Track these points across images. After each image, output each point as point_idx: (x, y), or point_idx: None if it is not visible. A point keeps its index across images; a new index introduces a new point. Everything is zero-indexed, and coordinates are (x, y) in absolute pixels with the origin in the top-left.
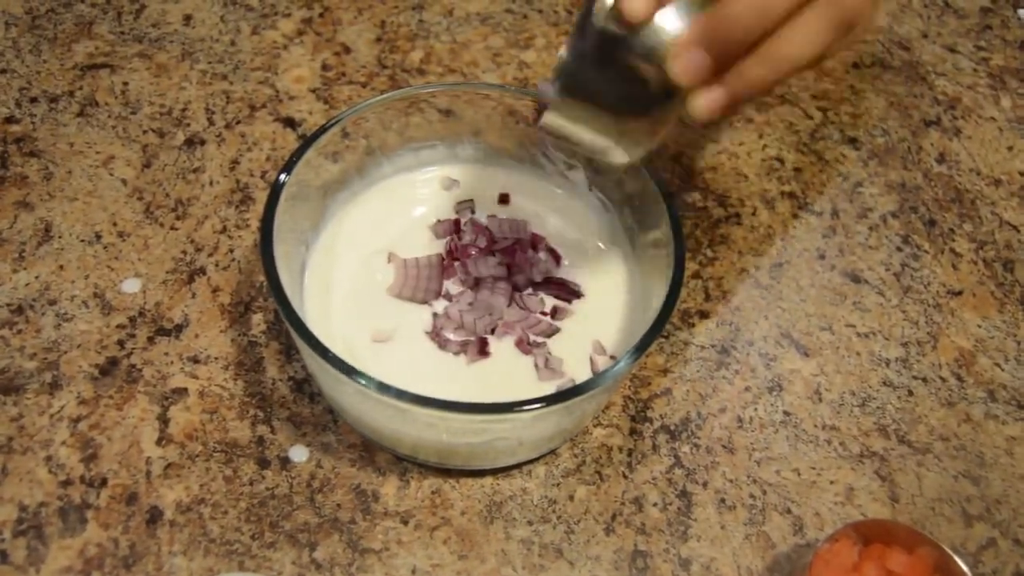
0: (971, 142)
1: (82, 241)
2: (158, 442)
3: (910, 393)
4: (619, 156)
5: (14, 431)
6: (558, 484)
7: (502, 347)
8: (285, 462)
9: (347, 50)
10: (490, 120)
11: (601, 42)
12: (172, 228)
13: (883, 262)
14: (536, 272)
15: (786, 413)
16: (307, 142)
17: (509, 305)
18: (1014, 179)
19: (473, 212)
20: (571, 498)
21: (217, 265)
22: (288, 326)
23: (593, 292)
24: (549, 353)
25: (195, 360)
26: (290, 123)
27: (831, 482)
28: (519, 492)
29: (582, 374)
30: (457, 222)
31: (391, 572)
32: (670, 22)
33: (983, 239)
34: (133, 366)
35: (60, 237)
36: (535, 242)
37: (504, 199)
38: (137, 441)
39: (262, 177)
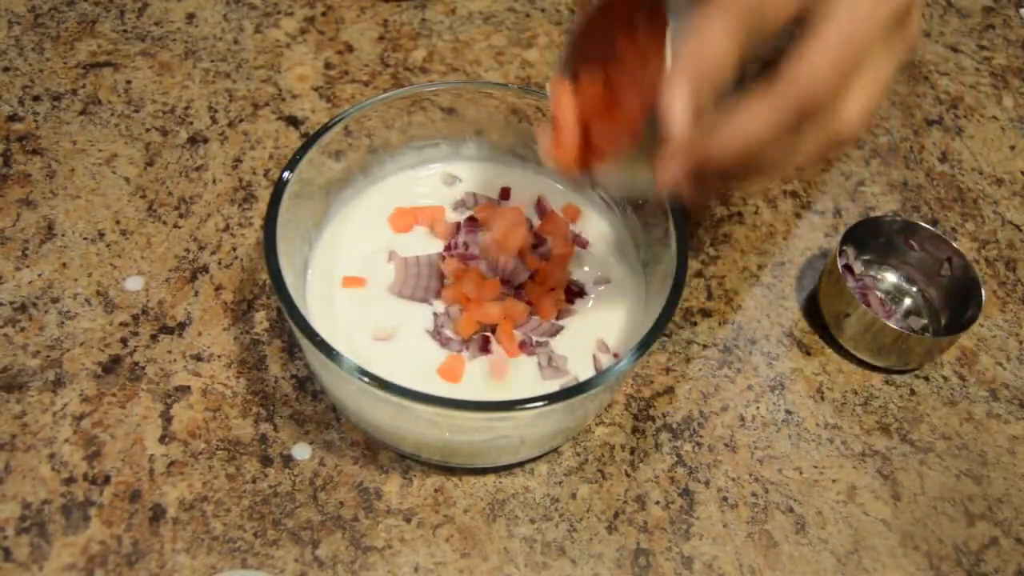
0: (973, 141)
1: (85, 239)
2: (161, 440)
3: (912, 392)
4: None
5: (17, 429)
6: (560, 482)
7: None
8: (288, 460)
9: (350, 48)
10: (492, 119)
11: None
12: (175, 226)
13: None
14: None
15: (788, 412)
16: (310, 140)
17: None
18: (1016, 178)
19: (471, 207)
20: (573, 496)
21: (220, 263)
22: (291, 324)
23: (596, 291)
24: (552, 352)
25: (198, 358)
26: (293, 121)
27: (833, 481)
28: (521, 490)
29: (585, 372)
30: (457, 224)
31: (394, 570)
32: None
33: (985, 238)
34: (136, 364)
35: (63, 235)
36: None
37: (505, 194)
38: (140, 439)
39: (265, 175)
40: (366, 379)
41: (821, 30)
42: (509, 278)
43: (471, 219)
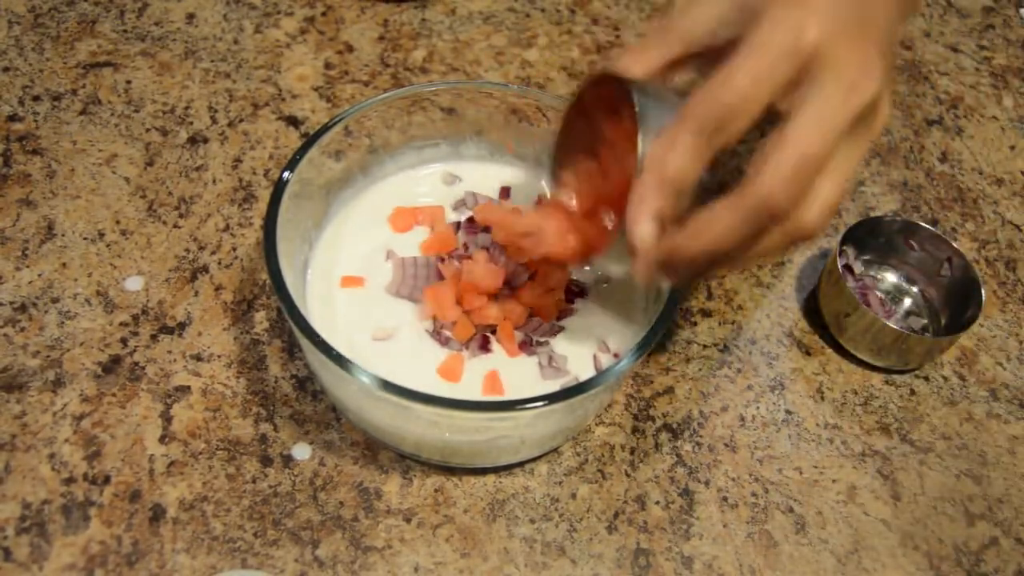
0: (973, 141)
1: (85, 239)
2: (161, 440)
3: (912, 392)
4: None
5: (17, 429)
6: (560, 482)
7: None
8: (288, 460)
9: (350, 48)
10: (492, 119)
11: None
12: (175, 226)
13: None
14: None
15: (788, 412)
16: (310, 140)
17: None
18: (1016, 178)
19: (471, 207)
20: (573, 496)
21: (220, 263)
22: (291, 324)
23: (596, 290)
24: (553, 351)
25: (198, 358)
26: (293, 121)
27: (833, 480)
28: (521, 490)
29: (586, 372)
30: (457, 224)
31: (394, 570)
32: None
33: (985, 238)
34: (136, 364)
35: (63, 235)
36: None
37: (505, 193)
38: (140, 439)
39: (265, 175)
40: (366, 379)
41: (784, 135)
42: (509, 279)
43: (471, 219)
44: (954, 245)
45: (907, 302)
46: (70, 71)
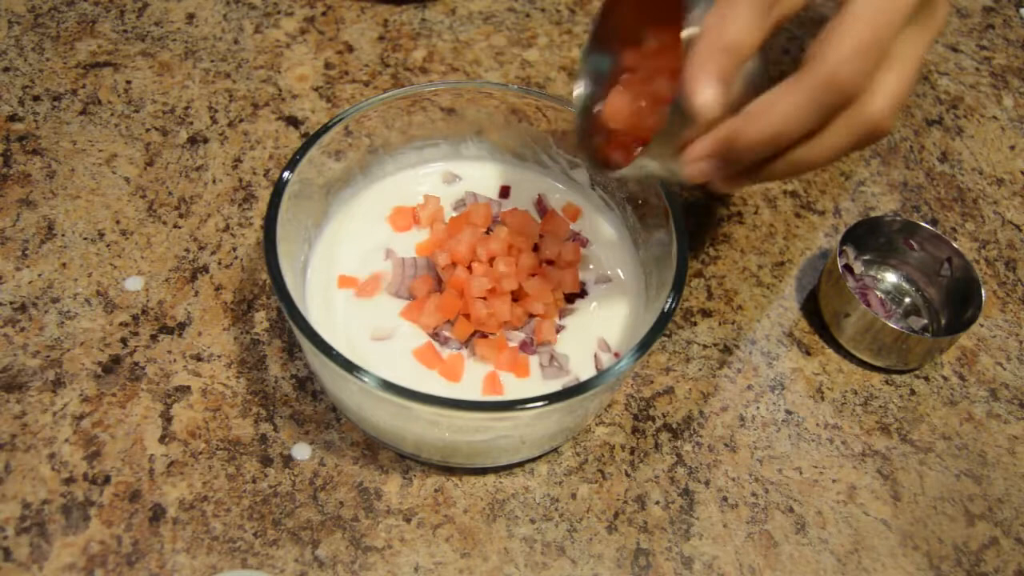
0: (973, 141)
1: (85, 239)
2: (161, 440)
3: (912, 392)
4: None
5: (17, 428)
6: (560, 482)
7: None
8: (288, 460)
9: (350, 48)
10: (492, 119)
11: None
12: (175, 226)
13: None
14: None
15: (788, 412)
16: (310, 140)
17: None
18: (1016, 178)
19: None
20: (573, 496)
21: (220, 263)
22: (291, 324)
23: (597, 290)
24: (553, 351)
25: (198, 358)
26: (293, 121)
27: (833, 480)
28: (521, 490)
29: (586, 372)
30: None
31: (394, 570)
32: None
33: (985, 238)
34: (136, 364)
35: (63, 235)
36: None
37: (504, 192)
38: (140, 439)
39: (265, 175)
40: (366, 379)
41: (847, 12)
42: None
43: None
44: (954, 245)
45: (907, 302)
46: (70, 71)
